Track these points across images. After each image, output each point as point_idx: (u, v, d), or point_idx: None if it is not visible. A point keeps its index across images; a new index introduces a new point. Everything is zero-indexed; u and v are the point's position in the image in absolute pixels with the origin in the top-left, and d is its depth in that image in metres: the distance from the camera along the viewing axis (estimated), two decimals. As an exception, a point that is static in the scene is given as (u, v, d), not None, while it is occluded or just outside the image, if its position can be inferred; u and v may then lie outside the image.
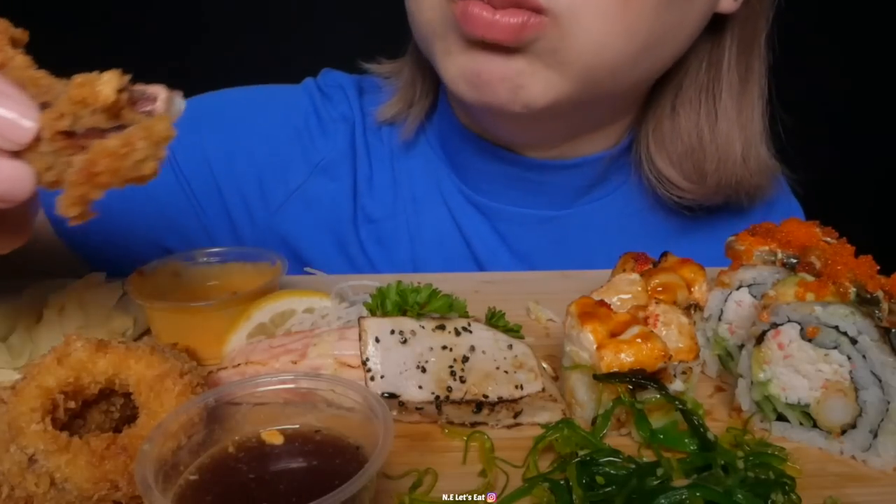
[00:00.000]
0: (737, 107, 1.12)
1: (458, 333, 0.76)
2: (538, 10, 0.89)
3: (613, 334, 0.72)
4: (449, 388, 0.73)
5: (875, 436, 0.69)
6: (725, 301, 0.83)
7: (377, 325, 0.75)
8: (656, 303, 0.76)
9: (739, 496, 0.60)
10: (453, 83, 0.99)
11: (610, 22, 0.91)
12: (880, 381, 0.67)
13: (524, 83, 0.95)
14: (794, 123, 1.19)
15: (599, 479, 0.64)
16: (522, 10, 0.89)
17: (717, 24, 1.08)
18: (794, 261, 0.82)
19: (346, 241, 1.22)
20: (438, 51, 1.01)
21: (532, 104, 0.97)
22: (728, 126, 1.12)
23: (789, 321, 0.71)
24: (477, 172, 1.19)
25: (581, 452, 0.67)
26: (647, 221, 1.24)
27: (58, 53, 0.69)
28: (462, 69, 0.97)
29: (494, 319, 0.81)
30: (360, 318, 0.76)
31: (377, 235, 1.22)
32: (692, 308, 0.83)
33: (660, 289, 0.80)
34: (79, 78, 0.56)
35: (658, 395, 0.70)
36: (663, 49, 1.01)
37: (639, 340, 0.70)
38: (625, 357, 0.70)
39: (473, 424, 0.75)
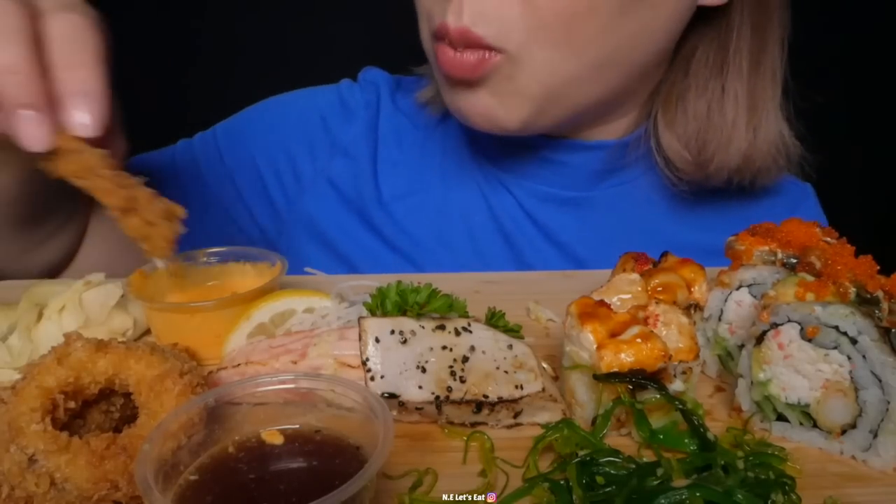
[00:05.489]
0: (747, 88, 1.13)
1: (458, 333, 0.76)
2: (493, 49, 1.00)
3: (613, 334, 0.71)
4: (449, 388, 0.73)
5: (875, 436, 0.69)
6: (725, 301, 0.83)
7: (377, 325, 0.75)
8: (656, 303, 0.76)
9: (739, 496, 0.60)
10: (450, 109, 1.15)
11: (558, 51, 1.01)
12: (880, 381, 0.67)
13: (493, 114, 1.07)
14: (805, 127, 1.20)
15: (599, 479, 0.64)
16: (478, 49, 1.00)
17: (725, 8, 1.10)
18: (794, 261, 0.82)
19: (370, 217, 1.29)
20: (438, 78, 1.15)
21: (506, 127, 1.09)
22: (734, 108, 1.13)
23: (789, 321, 0.71)
24: (498, 150, 1.26)
25: (581, 452, 0.67)
26: (672, 208, 1.27)
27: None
28: (451, 104, 1.13)
29: (494, 319, 0.81)
30: (360, 318, 0.76)
31: (404, 210, 1.29)
32: (692, 308, 0.83)
33: (660, 289, 0.80)
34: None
35: (658, 395, 0.70)
36: (631, 54, 1.06)
37: (639, 340, 0.70)
38: (625, 357, 0.70)
39: (473, 424, 0.75)
